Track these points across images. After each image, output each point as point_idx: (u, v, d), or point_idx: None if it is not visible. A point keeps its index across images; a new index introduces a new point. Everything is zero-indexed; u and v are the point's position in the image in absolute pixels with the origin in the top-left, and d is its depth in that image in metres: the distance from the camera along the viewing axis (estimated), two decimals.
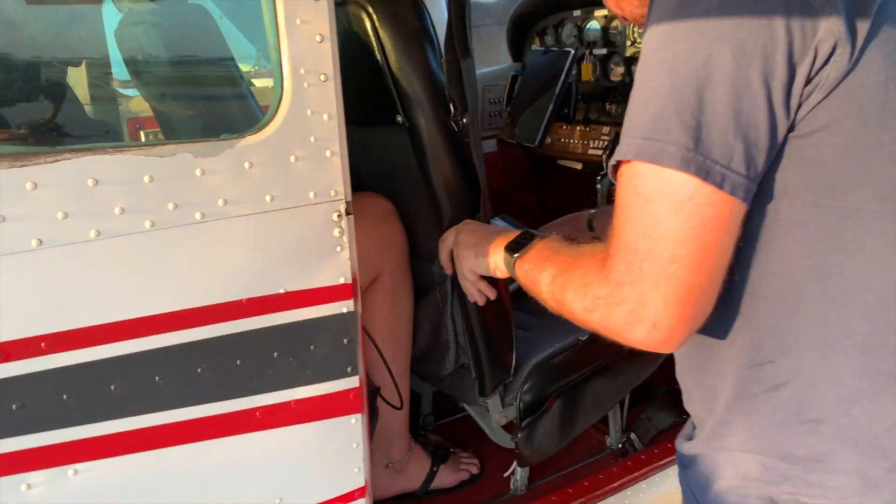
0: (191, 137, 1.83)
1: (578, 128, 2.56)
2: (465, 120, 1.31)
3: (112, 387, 0.95)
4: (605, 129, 2.51)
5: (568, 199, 2.74)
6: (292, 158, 1.02)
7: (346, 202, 1.09)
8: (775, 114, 0.73)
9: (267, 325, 1.06)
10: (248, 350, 1.05)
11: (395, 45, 1.27)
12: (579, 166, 2.66)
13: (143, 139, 2.17)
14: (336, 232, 1.09)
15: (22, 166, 0.84)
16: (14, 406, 0.89)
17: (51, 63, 1.43)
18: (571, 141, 2.61)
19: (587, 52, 2.53)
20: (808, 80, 0.74)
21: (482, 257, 1.21)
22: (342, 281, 1.11)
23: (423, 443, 1.79)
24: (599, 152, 2.48)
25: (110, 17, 1.93)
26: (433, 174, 1.33)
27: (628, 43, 2.45)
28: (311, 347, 1.10)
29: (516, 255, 1.10)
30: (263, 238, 1.03)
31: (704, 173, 0.72)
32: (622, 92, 2.46)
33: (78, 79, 2.02)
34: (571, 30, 2.61)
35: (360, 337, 1.14)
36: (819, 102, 0.75)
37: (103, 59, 1.93)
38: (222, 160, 0.97)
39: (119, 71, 2.08)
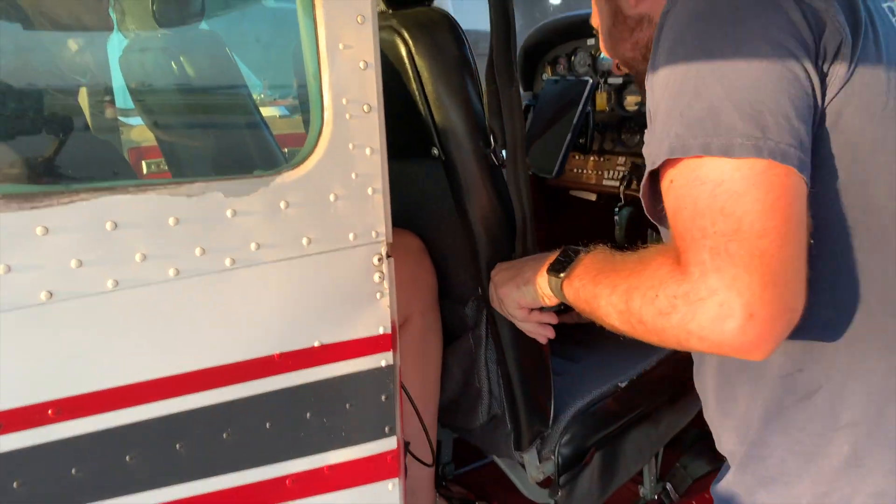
0: (199, 170, 1.74)
1: (592, 158, 2.51)
2: (504, 152, 1.22)
3: (128, 457, 0.83)
4: (621, 160, 2.45)
5: (581, 230, 2.66)
6: (332, 197, 0.92)
7: (388, 244, 0.99)
8: (816, 101, 0.77)
9: (300, 382, 0.94)
10: (278, 411, 0.93)
11: (432, 73, 1.17)
12: (593, 197, 2.60)
13: (145, 169, 2.06)
14: (376, 277, 0.98)
15: (32, 209, 0.73)
16: (15, 484, 0.77)
17: (53, 92, 1.32)
18: (585, 171, 2.56)
19: (602, 81, 2.47)
20: (825, 75, 0.78)
21: (526, 286, 1.11)
22: (381, 331, 1.00)
23: (447, 496, 1.66)
24: (615, 183, 2.42)
25: (114, 43, 1.83)
26: (470, 209, 1.24)
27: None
28: (347, 406, 0.99)
29: (562, 274, 1.00)
30: (298, 285, 0.92)
31: (779, 155, 0.72)
32: (637, 122, 2.41)
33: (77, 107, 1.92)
34: (584, 58, 2.56)
35: (398, 392, 1.03)
36: (832, 98, 0.78)
37: (105, 87, 1.83)
38: (256, 199, 0.86)
39: (121, 99, 1.98)
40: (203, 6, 1.60)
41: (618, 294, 0.86)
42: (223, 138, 1.53)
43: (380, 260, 0.98)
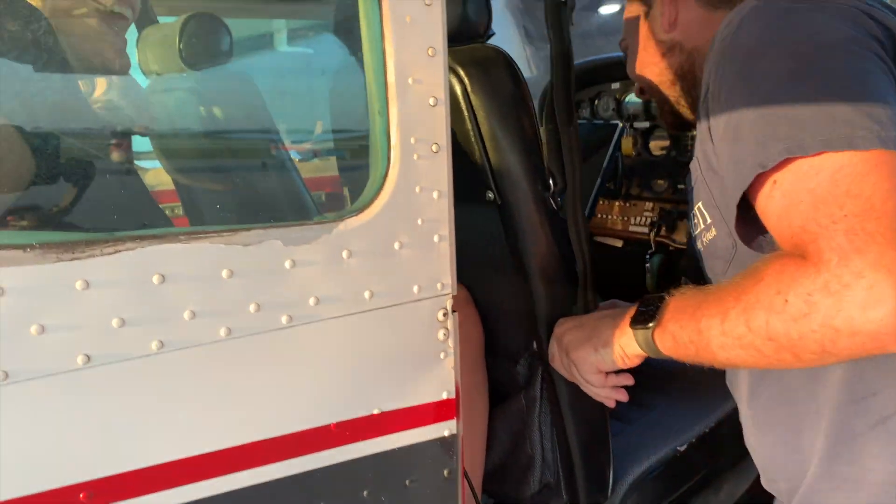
0: (220, 218, 1.65)
1: (618, 203, 2.44)
2: (564, 196, 1.14)
3: None
4: (648, 206, 2.39)
5: (608, 277, 2.58)
6: (396, 245, 0.82)
7: (452, 297, 0.89)
8: None
9: (356, 455, 0.83)
10: (333, 489, 0.82)
11: (489, 113, 1.10)
12: (619, 244, 2.53)
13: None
14: (440, 334, 0.88)
15: (72, 259, 0.63)
16: None
17: (78, 133, 1.25)
18: (610, 217, 2.50)
19: (628, 125, 2.43)
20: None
21: (605, 349, 1.00)
22: (444, 396, 0.89)
23: None
24: (644, 229, 2.35)
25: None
26: (527, 258, 1.14)
27: None
28: (406, 483, 0.87)
29: (651, 323, 0.90)
30: (358, 345, 0.82)
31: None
32: (665, 167, 2.35)
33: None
34: (609, 102, 2.52)
35: (461, 467, 0.92)
36: None
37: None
38: (317, 248, 0.77)
39: (137, 141, 1.90)
40: (231, 47, 1.54)
41: (732, 319, 0.77)
42: (251, 183, 1.45)
43: (445, 315, 0.88)
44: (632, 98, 2.43)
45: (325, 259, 0.77)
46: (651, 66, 1.13)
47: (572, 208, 1.15)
